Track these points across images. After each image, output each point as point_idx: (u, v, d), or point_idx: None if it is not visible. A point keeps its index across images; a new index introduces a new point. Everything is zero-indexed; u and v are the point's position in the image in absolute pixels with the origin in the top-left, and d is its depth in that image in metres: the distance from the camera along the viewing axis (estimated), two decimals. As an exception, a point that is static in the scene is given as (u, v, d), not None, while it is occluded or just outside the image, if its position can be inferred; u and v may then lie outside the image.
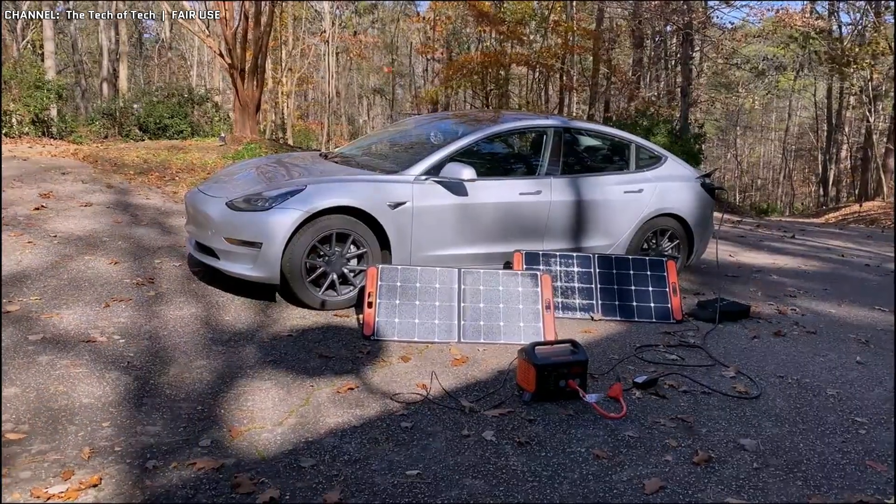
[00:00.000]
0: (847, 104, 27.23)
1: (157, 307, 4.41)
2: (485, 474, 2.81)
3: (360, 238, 4.64)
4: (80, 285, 4.64)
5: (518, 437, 3.13)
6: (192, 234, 4.93)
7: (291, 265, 4.44)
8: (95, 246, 5.50)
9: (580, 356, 3.59)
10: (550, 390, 3.49)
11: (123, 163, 9.40)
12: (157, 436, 2.96)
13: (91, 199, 7.06)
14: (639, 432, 3.25)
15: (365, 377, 3.70)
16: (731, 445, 3.17)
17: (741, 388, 3.83)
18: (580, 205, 5.45)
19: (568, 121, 5.91)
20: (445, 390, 3.59)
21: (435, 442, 3.05)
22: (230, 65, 11.88)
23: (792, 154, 38.81)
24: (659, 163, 5.99)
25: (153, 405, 3.22)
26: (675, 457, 3.03)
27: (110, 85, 21.99)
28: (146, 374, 3.52)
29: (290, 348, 4.01)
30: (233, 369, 3.67)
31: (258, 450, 2.90)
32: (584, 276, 5.08)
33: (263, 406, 3.30)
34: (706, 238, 6.22)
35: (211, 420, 3.13)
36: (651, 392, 3.72)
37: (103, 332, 3.95)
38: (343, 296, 4.68)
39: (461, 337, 4.29)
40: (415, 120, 7.16)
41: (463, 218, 4.97)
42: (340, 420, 3.20)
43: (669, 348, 4.46)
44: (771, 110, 39.05)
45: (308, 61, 26.73)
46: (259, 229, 4.39)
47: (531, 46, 22.32)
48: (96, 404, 3.18)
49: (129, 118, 16.28)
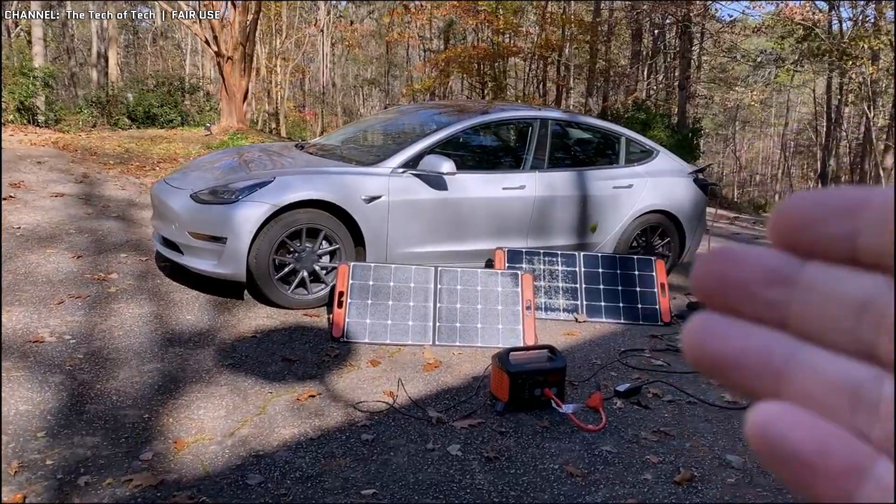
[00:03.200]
0: (846, 100, 26.98)
1: (115, 305, 4.18)
2: (447, 494, 2.58)
3: (332, 234, 4.41)
4: (35, 280, 4.40)
5: (487, 451, 2.90)
6: (158, 228, 4.69)
7: (258, 262, 4.20)
8: (59, 239, 5.26)
9: (558, 363, 3.36)
10: (525, 399, 3.27)
11: (103, 152, 9.14)
12: (95, 448, 2.73)
13: (63, 189, 6.81)
14: (617, 447, 3.03)
15: (329, 383, 3.47)
16: (715, 462, 2.95)
17: (729, 397, 3.61)
18: (567, 200, 5.21)
19: (555, 112, 5.66)
20: (412, 399, 3.36)
21: (396, 457, 2.83)
22: (217, 52, 11.60)
23: (791, 150, 38.58)
24: (650, 157, 5.75)
25: (96, 413, 2.99)
26: (655, 475, 2.81)
27: (100, 72, 21.67)
28: (93, 378, 3.29)
29: (253, 350, 3.78)
30: (188, 373, 3.44)
31: (203, 464, 2.68)
32: (569, 276, 4.85)
33: (215, 415, 3.07)
34: (698, 235, 5.98)
35: (156, 430, 2.90)
36: (633, 401, 3.50)
37: (53, 332, 3.71)
38: (314, 294, 4.45)
39: (436, 339, 4.06)
40: (400, 109, 6.92)
41: (442, 213, 4.73)
42: (296, 431, 2.98)
43: (656, 353, 4.24)
44: (770, 105, 38.78)
45: (303, 51, 26.38)
46: (224, 223, 4.15)
47: (528, 38, 22.02)
48: (34, 412, 2.95)
49: (117, 107, 16.00)
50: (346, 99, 36.30)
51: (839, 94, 25.83)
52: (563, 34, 21.16)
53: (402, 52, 31.29)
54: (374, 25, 30.24)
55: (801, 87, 30.74)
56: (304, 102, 31.95)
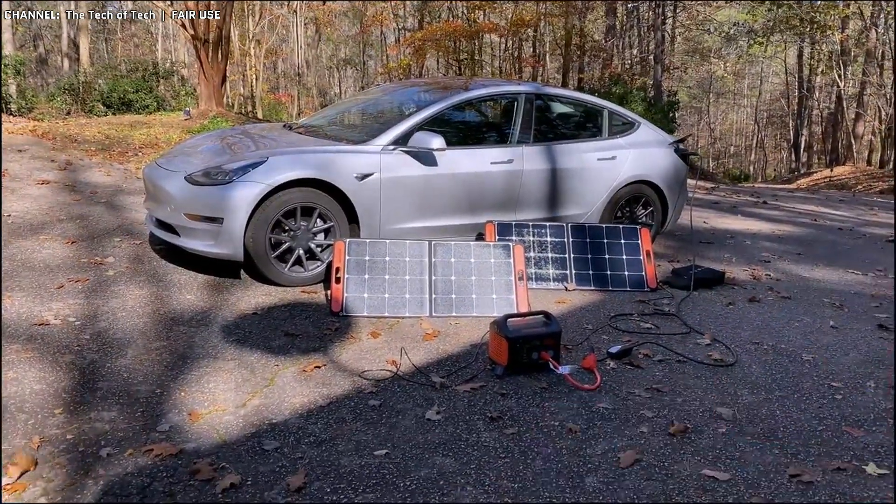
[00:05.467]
0: (818, 69, 27.33)
1: (115, 287, 4.24)
2: (455, 452, 2.71)
3: (327, 211, 4.49)
4: (33, 266, 4.44)
5: (490, 411, 3.04)
6: (152, 211, 4.73)
7: (255, 241, 4.28)
8: (51, 225, 5.28)
9: (553, 327, 3.50)
10: (523, 363, 3.40)
11: (84, 139, 9.09)
12: (113, 422, 2.82)
13: (48, 176, 6.80)
14: (613, 403, 3.18)
15: (332, 355, 3.58)
16: (707, 415, 3.11)
17: (717, 355, 3.78)
18: (553, 173, 5.33)
19: (539, 87, 5.76)
20: (415, 366, 3.48)
21: (404, 420, 2.95)
22: (194, 35, 11.52)
23: (764, 120, 39.01)
24: (632, 129, 5.88)
25: (109, 390, 3.07)
26: (651, 428, 2.96)
27: (71, 59, 21.32)
28: (102, 357, 3.36)
29: (255, 327, 3.87)
30: (194, 350, 3.52)
31: (219, 433, 2.78)
32: (558, 246, 4.99)
33: (226, 388, 3.17)
34: (680, 205, 6.15)
35: (170, 404, 2.99)
36: (625, 362, 3.65)
37: (57, 315, 3.77)
38: (310, 271, 4.54)
39: (432, 311, 4.18)
40: (382, 88, 6.96)
41: (433, 189, 4.83)
42: (306, 400, 3.09)
43: (644, 317, 4.40)
44: (743, 77, 39.10)
45: (277, 32, 26.13)
46: (220, 204, 4.22)
47: (503, 15, 21.99)
48: (48, 390, 3.02)
49: (91, 93, 15.80)
50: (321, 80, 36.01)
51: (810, 62, 26.16)
52: (536, 9, 21.17)
53: (376, 31, 31.06)
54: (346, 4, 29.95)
55: (774, 59, 31.05)
56: (279, 85, 31.67)
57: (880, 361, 3.83)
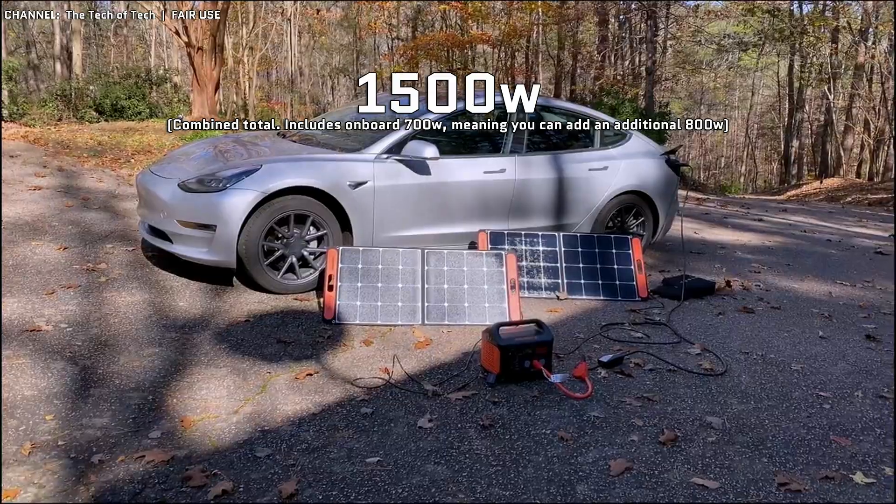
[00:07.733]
0: (808, 82, 27.57)
1: (107, 293, 4.24)
2: (447, 459, 2.72)
3: (320, 219, 4.51)
4: (25, 272, 4.43)
5: (482, 419, 3.05)
6: (145, 218, 4.74)
7: (248, 248, 4.29)
8: (43, 231, 5.27)
9: (545, 336, 3.52)
10: (515, 371, 3.42)
11: (76, 145, 9.08)
12: (104, 428, 2.81)
13: (40, 182, 6.79)
14: (604, 412, 3.20)
15: (325, 362, 3.59)
16: (697, 423, 3.14)
17: (707, 365, 3.81)
18: (545, 183, 5.37)
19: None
20: (408, 374, 3.49)
21: (396, 427, 2.96)
22: (187, 43, 11.54)
23: (755, 132, 39.28)
24: (624, 140, 5.93)
25: (100, 396, 3.07)
26: (641, 436, 2.99)
27: (63, 65, 21.27)
28: (94, 363, 3.36)
29: (248, 334, 3.87)
30: (186, 357, 3.52)
31: (211, 440, 2.78)
32: (550, 255, 5.02)
33: (218, 394, 3.17)
34: (671, 215, 6.19)
35: (162, 410, 2.99)
36: (617, 371, 3.68)
37: (49, 321, 3.77)
38: (303, 279, 4.55)
39: (425, 319, 4.20)
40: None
41: (426, 197, 4.85)
42: (298, 407, 3.09)
43: (635, 326, 4.42)
44: (734, 89, 39.42)
45: (270, 40, 26.17)
46: (213, 211, 4.23)
47: (495, 25, 22.12)
48: (39, 396, 3.02)
49: (83, 99, 15.76)
50: (315, 88, 36.05)
51: (801, 75, 26.38)
52: (529, 19, 21.30)
53: (370, 40, 31.16)
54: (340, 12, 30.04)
55: (765, 71, 31.33)
56: (272, 93, 31.69)
57: (868, 371, 3.86)
